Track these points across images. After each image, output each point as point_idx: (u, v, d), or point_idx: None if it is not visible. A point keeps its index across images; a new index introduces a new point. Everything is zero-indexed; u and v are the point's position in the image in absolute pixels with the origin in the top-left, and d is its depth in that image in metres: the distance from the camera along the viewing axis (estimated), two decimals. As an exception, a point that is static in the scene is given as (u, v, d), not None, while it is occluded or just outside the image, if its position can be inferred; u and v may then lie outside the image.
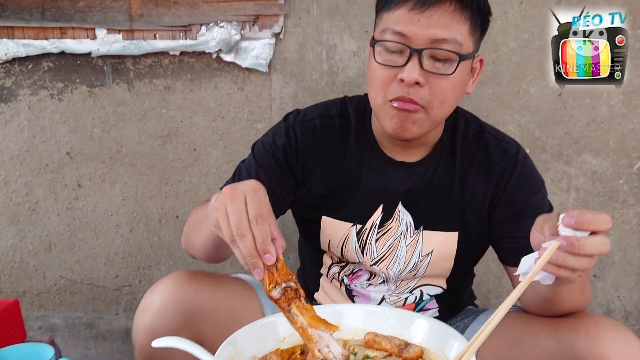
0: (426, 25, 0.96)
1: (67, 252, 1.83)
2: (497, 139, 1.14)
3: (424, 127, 1.03)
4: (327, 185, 1.15)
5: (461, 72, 1.00)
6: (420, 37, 0.96)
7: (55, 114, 1.74)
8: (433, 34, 0.96)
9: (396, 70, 0.99)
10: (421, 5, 0.96)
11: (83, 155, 1.76)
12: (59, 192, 1.78)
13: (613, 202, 1.68)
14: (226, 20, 1.62)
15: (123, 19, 1.63)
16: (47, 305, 1.88)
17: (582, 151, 1.66)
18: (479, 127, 1.16)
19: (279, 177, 1.14)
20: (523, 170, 1.11)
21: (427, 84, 0.98)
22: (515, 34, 1.61)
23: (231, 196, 0.82)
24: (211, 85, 1.70)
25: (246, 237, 0.80)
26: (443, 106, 1.02)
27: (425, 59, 0.97)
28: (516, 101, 1.65)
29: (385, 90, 1.01)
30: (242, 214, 0.81)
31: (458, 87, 1.01)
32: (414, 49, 0.97)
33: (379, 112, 1.05)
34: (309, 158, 1.14)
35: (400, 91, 0.99)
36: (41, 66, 1.71)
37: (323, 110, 1.18)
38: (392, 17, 0.99)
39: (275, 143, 1.15)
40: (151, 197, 1.78)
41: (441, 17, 0.96)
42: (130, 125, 1.73)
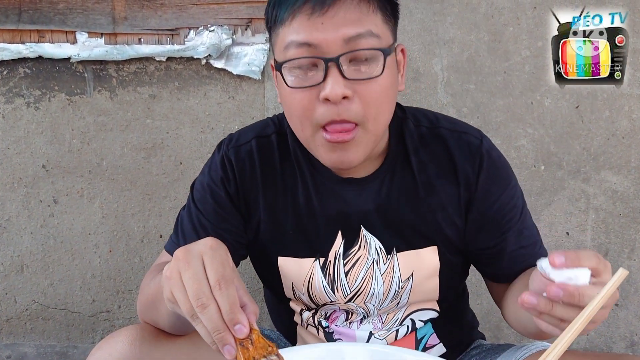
0: (333, 26, 0.81)
1: (40, 274, 1.68)
2: (455, 132, 0.98)
3: (368, 146, 0.88)
4: (274, 218, 0.99)
5: (389, 69, 0.86)
6: (331, 42, 0.81)
7: (32, 123, 1.61)
8: (344, 33, 0.81)
9: (316, 90, 0.83)
10: (320, 7, 0.81)
11: (60, 169, 1.63)
12: (33, 209, 1.65)
13: (636, 223, 1.55)
14: (217, 24, 1.51)
15: (106, 22, 1.52)
16: (18, 332, 1.73)
17: (602, 168, 1.54)
18: (431, 123, 0.99)
19: (225, 219, 0.98)
20: (490, 166, 0.97)
21: (355, 95, 0.83)
22: (529, 41, 1.50)
23: (185, 260, 0.69)
24: (200, 94, 1.58)
25: (209, 307, 0.66)
26: (380, 115, 0.87)
27: (344, 66, 0.82)
28: (529, 113, 1.53)
29: (310, 117, 0.85)
30: (201, 280, 0.67)
31: (390, 88, 0.87)
32: (329, 59, 0.81)
33: (311, 146, 0.89)
34: (250, 188, 0.99)
35: (329, 114, 0.83)
36: (17, 72, 1.59)
37: (259, 130, 1.02)
38: (290, 29, 0.83)
39: (212, 179, 1.00)
40: (133, 214, 1.64)
41: (348, 12, 0.82)
42: (112, 137, 1.61)
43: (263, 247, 1.02)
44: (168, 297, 0.70)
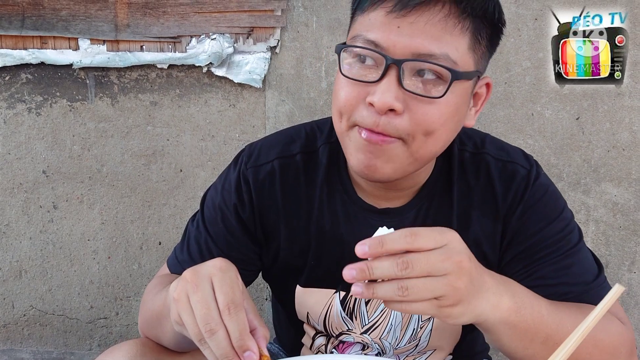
0: (409, 33, 0.72)
1: (39, 279, 1.68)
2: (500, 160, 0.89)
3: (403, 166, 0.78)
4: (296, 246, 0.92)
5: (456, 96, 0.75)
6: (400, 49, 0.72)
7: (33, 129, 1.61)
8: (417, 47, 0.72)
9: (366, 88, 0.74)
10: (403, 5, 0.72)
11: (60, 175, 1.63)
12: (32, 214, 1.65)
13: (637, 236, 1.54)
14: (218, 32, 1.51)
15: (108, 29, 1.52)
16: (15, 338, 1.72)
17: (602, 180, 1.53)
18: (476, 148, 0.90)
19: (235, 247, 0.91)
20: (534, 196, 0.87)
21: (407, 111, 0.73)
22: (529, 53, 1.50)
23: (194, 282, 0.66)
24: (201, 102, 1.58)
25: (217, 332, 0.63)
26: (430, 141, 0.76)
27: (406, 74, 0.73)
28: (529, 125, 1.53)
29: (350, 113, 0.76)
30: (210, 304, 0.64)
31: (451, 116, 0.76)
32: (392, 60, 0.72)
33: (344, 142, 0.80)
34: (269, 213, 0.90)
35: (369, 121, 0.74)
36: (19, 78, 1.59)
37: (283, 147, 0.92)
38: (365, 21, 0.76)
39: (225, 202, 0.91)
40: (132, 221, 1.64)
41: (429, 24, 0.72)
42: (113, 143, 1.61)
43: (281, 274, 0.96)
44: (175, 320, 0.68)
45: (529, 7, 1.49)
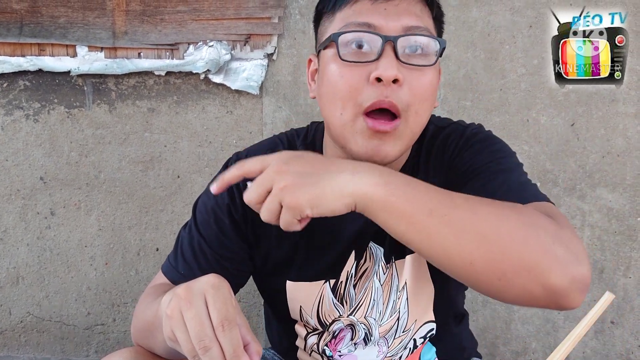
0: (395, 13, 0.82)
1: (36, 286, 1.68)
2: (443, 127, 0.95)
3: (404, 143, 0.84)
4: (285, 243, 0.95)
5: (435, 68, 0.84)
6: (392, 26, 0.81)
7: (30, 135, 1.62)
8: (406, 23, 0.81)
9: (367, 68, 0.80)
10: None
11: (58, 181, 1.63)
12: (30, 220, 1.65)
13: (631, 241, 1.55)
14: (216, 40, 1.52)
15: (106, 36, 1.53)
16: (12, 345, 1.71)
17: (597, 186, 1.54)
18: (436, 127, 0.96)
19: (228, 247, 0.94)
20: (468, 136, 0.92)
21: (405, 83, 0.81)
22: (524, 60, 1.51)
23: (187, 299, 0.66)
24: (198, 108, 1.59)
25: (212, 349, 0.64)
26: (421, 111, 0.84)
27: (400, 50, 0.81)
28: (525, 131, 1.54)
29: (355, 98, 0.81)
30: (204, 321, 0.65)
31: (434, 88, 0.85)
32: (387, 37, 0.80)
33: (346, 133, 0.83)
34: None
35: (376, 95, 0.80)
36: (17, 85, 1.60)
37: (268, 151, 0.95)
38: (350, 12, 0.83)
39: (217, 204, 0.94)
40: (130, 227, 1.64)
41: (410, 5, 0.83)
42: (110, 150, 1.61)
43: (272, 273, 0.98)
44: (169, 336, 0.68)
45: (523, 14, 1.50)
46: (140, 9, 1.52)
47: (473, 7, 1.52)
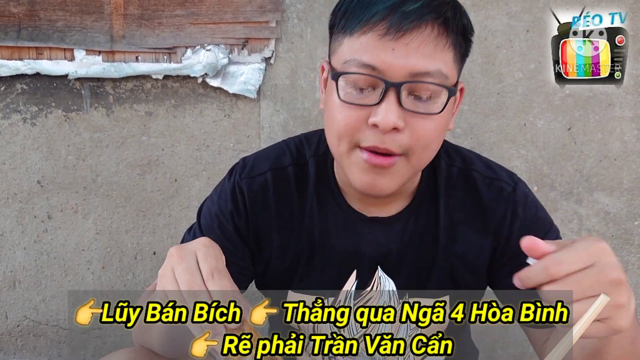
0: (403, 55, 0.75)
1: (33, 289, 1.67)
2: (487, 178, 0.92)
3: (403, 178, 0.83)
4: (287, 253, 0.95)
5: (448, 110, 0.80)
6: (397, 70, 0.75)
7: (28, 139, 1.61)
8: (413, 66, 0.75)
9: (366, 111, 0.77)
10: (396, 30, 0.74)
11: (55, 185, 1.63)
12: (27, 224, 1.64)
13: (628, 245, 1.55)
14: (213, 43, 1.52)
15: (104, 40, 1.53)
16: (8, 349, 1.71)
17: (594, 190, 1.54)
18: (464, 163, 0.94)
19: (232, 252, 0.94)
20: (525, 214, 0.91)
21: (407, 127, 0.77)
22: (521, 64, 1.52)
23: (178, 255, 0.67)
24: (196, 112, 1.59)
25: (200, 296, 0.64)
26: (426, 152, 0.81)
27: (404, 95, 0.76)
28: (522, 135, 1.54)
29: (352, 136, 0.79)
30: (194, 272, 0.66)
31: (444, 127, 0.81)
32: (391, 83, 0.75)
33: (343, 163, 0.83)
34: (263, 222, 0.94)
35: (373, 139, 0.77)
36: (14, 88, 1.59)
37: (275, 159, 0.95)
38: (357, 44, 0.77)
39: (221, 210, 0.95)
40: (127, 231, 1.64)
41: (422, 45, 0.75)
42: (108, 153, 1.61)
43: (273, 280, 0.98)
44: (160, 297, 0.68)
45: (520, 19, 1.51)
46: (138, 12, 1.52)
47: (470, 11, 1.51)
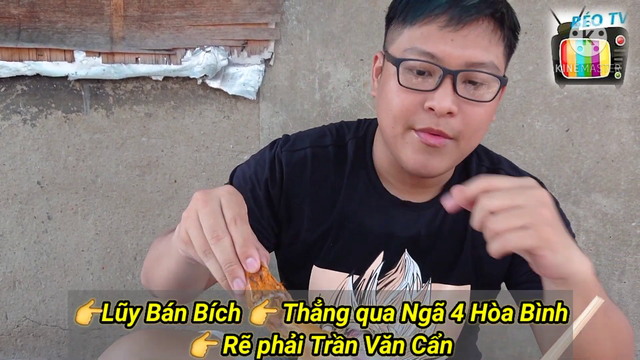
0: (462, 45, 0.82)
1: (32, 290, 1.68)
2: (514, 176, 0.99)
3: (452, 160, 0.89)
4: (317, 228, 0.98)
5: (496, 99, 0.87)
6: (454, 59, 0.82)
7: (28, 140, 1.62)
8: (470, 56, 0.82)
9: (423, 95, 0.84)
10: (457, 22, 0.81)
11: (55, 185, 1.63)
12: (26, 225, 1.65)
13: (626, 246, 1.56)
14: (213, 45, 1.53)
15: (104, 41, 1.54)
16: (7, 349, 1.71)
17: (592, 191, 1.55)
18: (492, 163, 1.01)
19: (258, 219, 0.97)
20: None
21: (459, 112, 0.84)
22: (520, 66, 1.53)
23: (203, 199, 0.70)
24: (195, 113, 1.59)
25: (223, 239, 0.67)
26: (474, 138, 0.88)
27: (460, 83, 0.83)
28: (520, 136, 1.55)
29: (407, 118, 0.86)
30: (218, 216, 0.69)
31: (492, 115, 0.89)
32: (448, 71, 0.82)
33: (397, 144, 0.89)
34: (297, 195, 0.97)
35: (428, 122, 0.84)
36: (14, 89, 1.60)
37: (316, 138, 1.01)
38: (417, 34, 0.84)
39: (256, 175, 0.98)
40: (127, 231, 1.65)
41: (479, 37, 0.82)
42: (108, 154, 1.62)
43: (299, 254, 1.01)
44: (182, 237, 0.71)
45: (519, 21, 1.51)
46: (138, 14, 1.53)
47: (469, 13, 1.53)
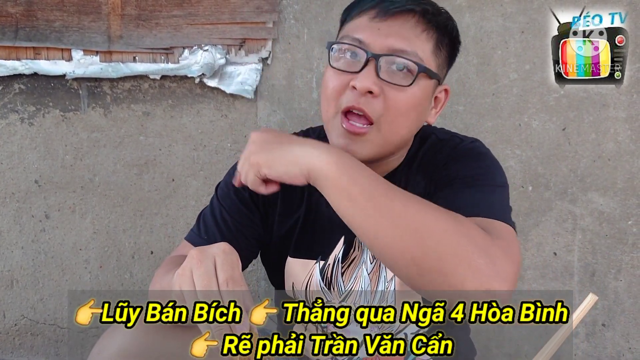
0: (386, 34, 0.91)
1: (30, 289, 1.68)
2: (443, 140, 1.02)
3: (376, 147, 0.93)
4: (287, 222, 1.06)
5: (420, 89, 0.92)
6: (379, 44, 0.90)
7: (25, 139, 1.62)
8: (392, 43, 0.90)
9: (350, 76, 0.91)
10: (383, 14, 0.91)
11: (52, 184, 1.63)
12: (24, 224, 1.65)
13: (622, 244, 1.56)
14: (211, 44, 1.53)
15: (101, 40, 1.54)
16: (6, 348, 1.71)
17: (588, 190, 1.56)
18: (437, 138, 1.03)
19: (246, 214, 1.05)
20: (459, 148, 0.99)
21: (381, 95, 0.90)
22: (516, 65, 1.53)
23: (198, 259, 0.72)
24: (193, 112, 1.59)
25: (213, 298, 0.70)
26: (396, 124, 0.92)
27: (382, 67, 0.90)
28: (517, 135, 1.56)
29: (337, 99, 0.92)
30: (211, 278, 0.71)
31: (415, 106, 0.92)
32: (371, 54, 0.90)
33: (329, 127, 0.96)
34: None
35: (351, 99, 0.91)
36: (12, 88, 1.60)
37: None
38: (352, 25, 0.94)
39: None
40: (124, 230, 1.65)
41: (403, 28, 0.91)
42: (105, 153, 1.62)
43: (275, 248, 1.07)
44: (177, 294, 0.73)
45: (515, 20, 1.52)
46: (136, 13, 1.53)
47: (466, 12, 1.53)
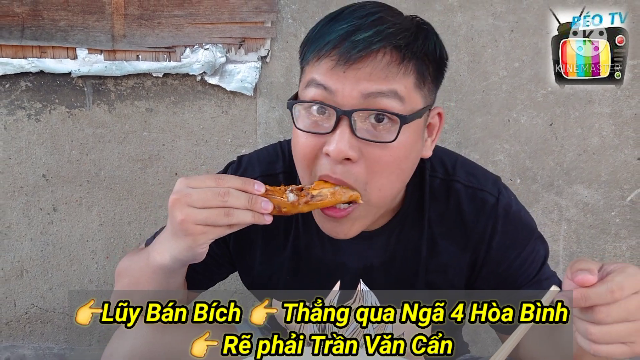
0: (354, 78, 0.74)
1: (40, 279, 1.75)
2: (470, 187, 0.90)
3: (366, 220, 0.82)
4: (271, 260, 0.95)
5: (408, 136, 0.77)
6: (348, 94, 0.74)
7: (32, 134, 1.68)
8: (364, 88, 0.74)
9: (322, 139, 0.76)
10: (346, 59, 0.74)
11: (60, 178, 1.69)
12: (33, 216, 1.71)
13: (605, 234, 1.64)
14: (211, 43, 1.58)
15: (105, 39, 1.59)
16: (17, 335, 1.79)
17: (574, 182, 1.63)
18: (446, 174, 0.91)
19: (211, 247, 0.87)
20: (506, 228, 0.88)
21: (362, 159, 0.76)
22: (506, 62, 1.59)
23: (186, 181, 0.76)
24: (195, 109, 1.65)
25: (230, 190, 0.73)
26: (387, 187, 0.79)
27: (358, 122, 0.75)
28: (506, 130, 1.62)
29: (311, 167, 0.79)
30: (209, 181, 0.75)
31: (405, 158, 0.78)
32: (342, 111, 0.74)
33: None
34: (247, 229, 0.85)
35: (327, 167, 0.76)
36: (19, 85, 1.65)
37: (267, 165, 0.95)
38: (314, 69, 0.78)
39: None
40: (129, 222, 1.71)
41: (374, 71, 0.75)
42: (110, 148, 1.68)
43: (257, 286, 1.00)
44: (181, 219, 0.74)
45: (505, 19, 1.57)
46: (139, 13, 1.58)
47: (457, 12, 1.59)
